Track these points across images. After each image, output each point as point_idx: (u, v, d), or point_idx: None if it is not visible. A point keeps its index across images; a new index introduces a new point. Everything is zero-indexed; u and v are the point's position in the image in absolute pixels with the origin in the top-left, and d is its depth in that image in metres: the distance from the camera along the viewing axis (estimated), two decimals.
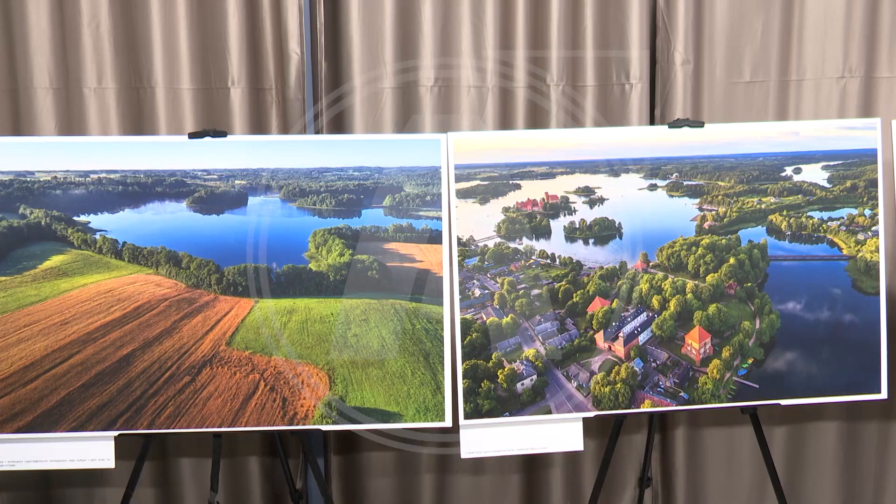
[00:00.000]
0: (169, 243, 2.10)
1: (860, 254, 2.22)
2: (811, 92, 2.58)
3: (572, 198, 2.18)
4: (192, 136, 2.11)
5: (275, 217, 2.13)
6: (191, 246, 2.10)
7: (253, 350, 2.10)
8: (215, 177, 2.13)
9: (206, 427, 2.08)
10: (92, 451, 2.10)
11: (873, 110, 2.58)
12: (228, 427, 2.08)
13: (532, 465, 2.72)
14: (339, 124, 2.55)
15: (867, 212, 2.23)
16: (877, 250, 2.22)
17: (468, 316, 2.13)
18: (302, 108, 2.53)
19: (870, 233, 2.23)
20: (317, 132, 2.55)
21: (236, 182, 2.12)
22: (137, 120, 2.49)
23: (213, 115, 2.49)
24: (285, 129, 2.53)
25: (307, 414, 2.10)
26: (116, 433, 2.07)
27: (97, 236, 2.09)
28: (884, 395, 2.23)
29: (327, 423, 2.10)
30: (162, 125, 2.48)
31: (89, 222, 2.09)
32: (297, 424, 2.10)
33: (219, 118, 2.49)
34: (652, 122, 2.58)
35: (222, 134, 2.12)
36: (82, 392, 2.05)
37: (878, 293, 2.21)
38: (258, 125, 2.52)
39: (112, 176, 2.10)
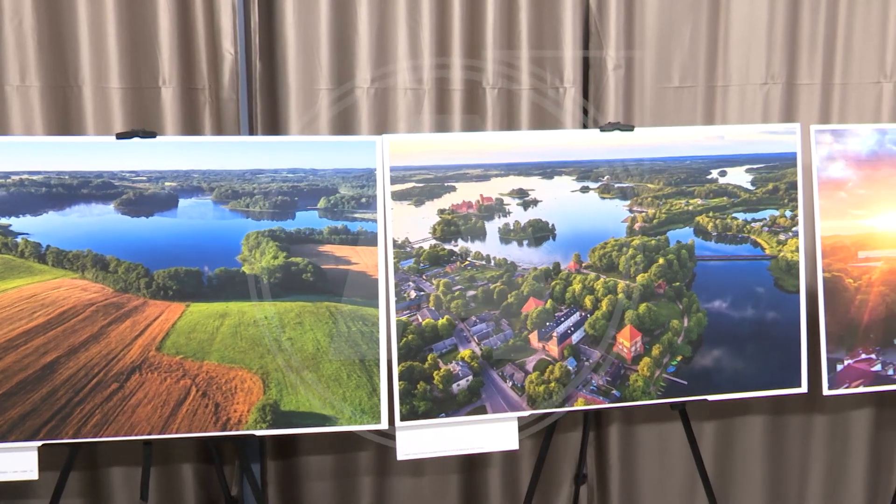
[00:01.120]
0: (95, 246, 2.04)
1: (781, 254, 2.31)
2: (736, 97, 2.66)
3: (507, 200, 2.20)
4: (119, 136, 2.06)
5: (206, 219, 2.09)
6: (119, 249, 2.05)
7: (184, 355, 2.06)
8: (144, 178, 2.08)
9: (136, 435, 2.03)
10: (14, 462, 2.03)
11: (794, 115, 2.68)
12: (159, 434, 2.04)
13: (471, 466, 2.74)
14: (275, 125, 2.52)
15: (788, 213, 2.32)
16: (797, 250, 2.31)
17: (404, 318, 2.13)
18: (236, 109, 2.49)
19: (790, 233, 2.32)
20: (251, 133, 2.52)
21: (166, 184, 2.08)
22: (64, 119, 2.41)
23: (144, 115, 2.43)
24: (219, 129, 2.49)
25: (240, 419, 2.07)
26: (40, 443, 2.00)
27: (19, 239, 2.02)
28: (804, 389, 2.32)
29: (261, 429, 2.07)
30: (90, 125, 2.41)
31: (10, 225, 2.01)
32: (231, 430, 2.07)
33: (150, 118, 2.43)
34: (585, 125, 2.63)
35: (151, 134, 2.07)
36: (3, 401, 1.98)
37: (798, 291, 2.30)
38: (191, 126, 2.47)
39: (35, 177, 2.03)
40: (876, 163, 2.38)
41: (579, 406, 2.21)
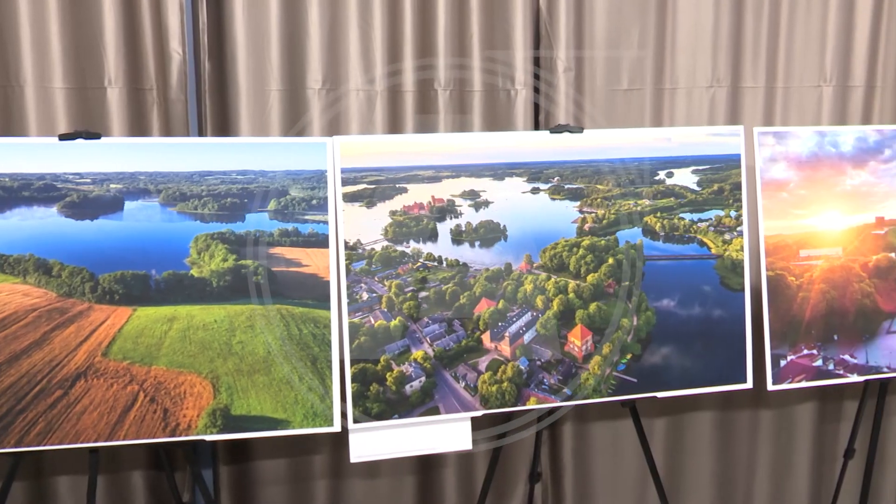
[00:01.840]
0: (38, 250, 1.99)
1: (727, 253, 2.36)
2: (684, 100, 2.72)
3: (458, 201, 2.21)
4: (62, 137, 2.01)
5: (154, 222, 2.06)
6: (62, 253, 2.00)
7: (131, 360, 2.02)
8: (89, 180, 2.03)
9: (81, 442, 1.99)
10: None
11: (739, 118, 2.75)
12: (105, 441, 2.00)
13: (426, 466, 2.74)
14: (225, 126, 2.49)
15: (732, 213, 2.38)
16: (741, 249, 2.37)
17: (356, 320, 2.13)
18: (185, 110, 2.45)
19: (735, 233, 2.37)
20: (201, 134, 2.49)
21: (111, 186, 2.04)
22: (5, 120, 2.34)
23: (89, 116, 2.38)
24: (167, 130, 2.45)
25: (190, 424, 2.04)
26: None
27: None
28: (749, 384, 2.38)
29: (211, 433, 2.05)
30: (32, 126, 2.34)
31: None
32: (180, 436, 2.04)
33: (95, 119, 2.38)
34: (536, 126, 2.65)
35: (96, 136, 2.03)
36: None
37: (742, 289, 2.36)
38: (138, 127, 2.43)
39: None
40: (816, 164, 2.45)
41: (531, 405, 2.24)
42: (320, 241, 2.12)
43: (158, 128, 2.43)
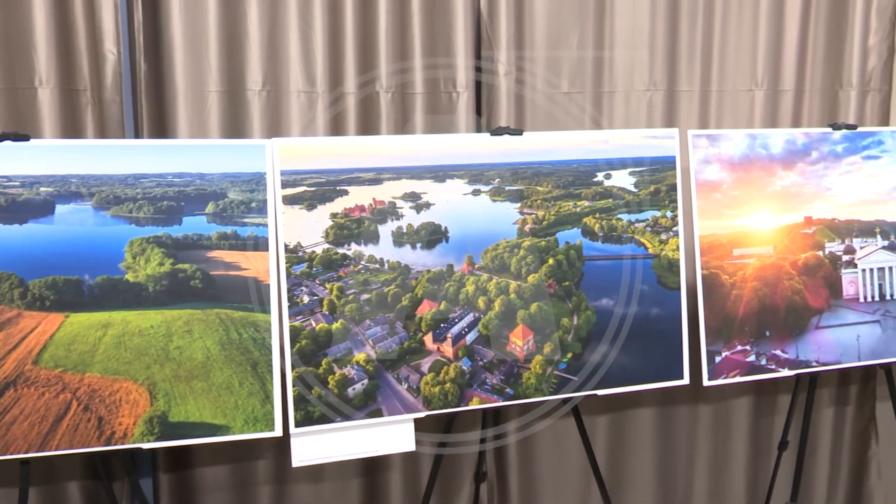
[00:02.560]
0: None
1: (663, 252, 2.42)
2: (622, 103, 2.78)
3: (399, 203, 2.22)
4: None
5: (86, 226, 2.01)
6: None
7: (63, 368, 1.97)
8: (17, 183, 1.98)
9: (11, 454, 1.93)
10: None
11: (675, 121, 2.82)
12: (37, 452, 1.94)
13: (371, 469, 2.73)
14: (163, 128, 2.45)
15: (669, 214, 2.44)
16: (677, 249, 2.43)
17: (297, 323, 2.11)
18: (120, 111, 2.40)
19: (671, 233, 2.43)
20: (137, 136, 2.44)
21: (42, 189, 1.99)
22: None
23: (19, 117, 2.31)
24: (102, 132, 2.39)
25: (126, 433, 2.00)
26: None
27: None
28: (686, 380, 2.44)
29: (148, 441, 2.01)
30: None
31: None
32: (116, 444, 1.99)
33: (26, 120, 2.31)
34: (479, 129, 2.67)
35: (24, 137, 1.98)
36: None
37: (679, 288, 2.42)
38: (72, 128, 2.37)
39: None
40: (748, 166, 2.53)
41: (474, 405, 2.25)
42: (260, 244, 2.10)
43: (93, 129, 2.38)
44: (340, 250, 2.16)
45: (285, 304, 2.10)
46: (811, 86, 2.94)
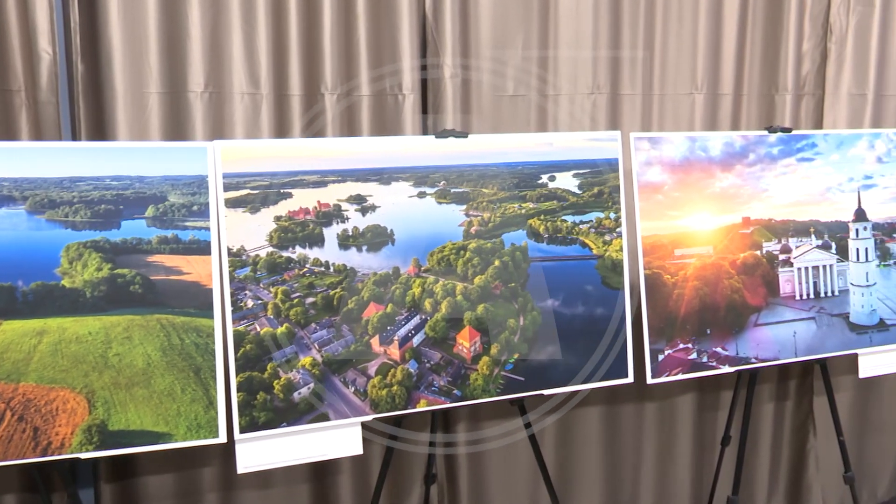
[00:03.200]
0: None
1: (607, 253, 2.46)
2: (567, 106, 2.81)
3: (344, 206, 2.21)
4: None
5: (19, 230, 1.95)
6: None
7: None
8: None
9: None
10: None
11: (619, 123, 2.87)
12: None
13: (320, 473, 2.71)
14: (101, 130, 2.39)
15: (612, 215, 2.48)
16: (621, 249, 2.47)
17: (241, 328, 2.08)
18: (56, 113, 2.34)
19: (615, 234, 2.48)
20: (75, 138, 2.38)
21: None
22: None
23: None
24: (38, 134, 2.32)
25: (63, 443, 1.95)
26: None
27: None
28: (630, 378, 2.48)
29: (87, 451, 1.96)
30: None
31: None
32: (52, 455, 1.94)
33: None
34: (425, 131, 2.68)
35: None
36: None
37: (622, 288, 2.47)
38: (5, 130, 2.29)
39: None
40: (688, 168, 2.59)
41: (422, 407, 2.25)
42: (202, 248, 2.07)
43: (28, 131, 2.31)
44: (285, 253, 2.15)
45: (229, 308, 2.07)
46: (749, 90, 3.02)
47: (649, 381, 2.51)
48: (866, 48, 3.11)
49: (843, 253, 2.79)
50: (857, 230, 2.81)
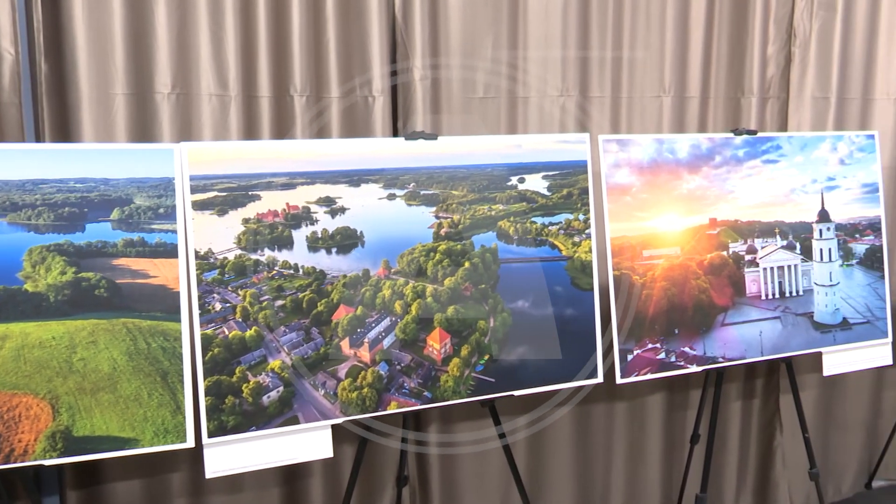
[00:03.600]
0: None
1: (577, 254, 2.48)
2: (536, 108, 2.83)
3: (314, 208, 2.20)
4: None
5: None
6: None
7: None
8: None
9: None
10: None
11: (587, 126, 2.89)
12: None
13: (291, 476, 2.70)
14: (66, 132, 2.36)
15: (581, 216, 2.50)
16: (590, 251, 2.49)
17: (209, 331, 2.07)
18: (19, 114, 2.30)
19: (584, 235, 2.50)
20: (38, 140, 2.34)
21: None
22: None
23: None
24: (1, 136, 2.29)
25: (27, 449, 1.91)
26: None
27: None
28: (600, 379, 2.50)
29: (51, 457, 1.93)
30: None
31: None
32: (15, 462, 1.91)
33: None
34: (395, 133, 2.68)
35: None
36: None
37: (592, 289, 2.49)
38: None
39: None
40: (656, 169, 2.62)
41: (392, 409, 2.25)
42: (168, 251, 2.05)
43: None
44: (253, 256, 2.13)
45: (196, 311, 2.05)
46: (715, 93, 3.07)
47: (619, 381, 2.54)
48: (829, 52, 3.18)
49: (807, 253, 2.84)
50: (820, 231, 2.86)
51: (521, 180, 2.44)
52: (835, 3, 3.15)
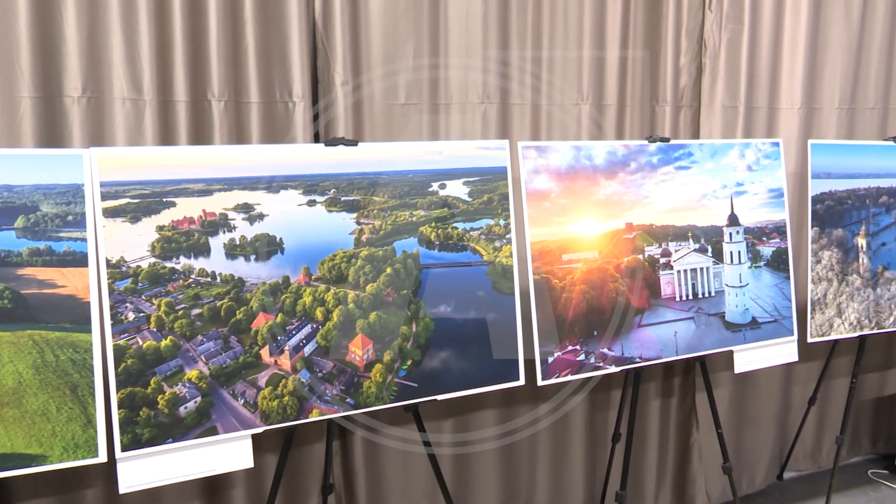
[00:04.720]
0: None
1: (497, 259, 2.52)
2: (458, 115, 2.86)
3: (231, 214, 2.17)
4: None
5: None
6: None
7: None
8: None
9: None
10: None
11: (508, 133, 2.94)
12: None
13: (214, 488, 2.64)
14: None
15: (501, 222, 2.54)
16: (511, 255, 2.54)
17: (122, 342, 2.01)
18: None
19: (504, 240, 2.54)
20: None
21: None
22: None
23: None
24: None
25: None
26: None
27: None
28: (521, 381, 2.54)
29: None
30: None
31: None
32: None
33: None
34: (317, 139, 2.67)
35: None
36: None
37: (513, 293, 2.53)
38: None
39: None
40: (574, 176, 2.68)
41: (314, 417, 2.24)
42: (78, 260, 1.99)
43: None
44: (168, 264, 2.08)
45: (108, 321, 1.99)
46: (632, 101, 3.16)
47: (540, 382, 2.58)
48: (737, 63, 3.32)
49: (718, 256, 2.96)
50: (730, 234, 2.99)
51: (443, 186, 2.46)
52: (742, 17, 3.29)
